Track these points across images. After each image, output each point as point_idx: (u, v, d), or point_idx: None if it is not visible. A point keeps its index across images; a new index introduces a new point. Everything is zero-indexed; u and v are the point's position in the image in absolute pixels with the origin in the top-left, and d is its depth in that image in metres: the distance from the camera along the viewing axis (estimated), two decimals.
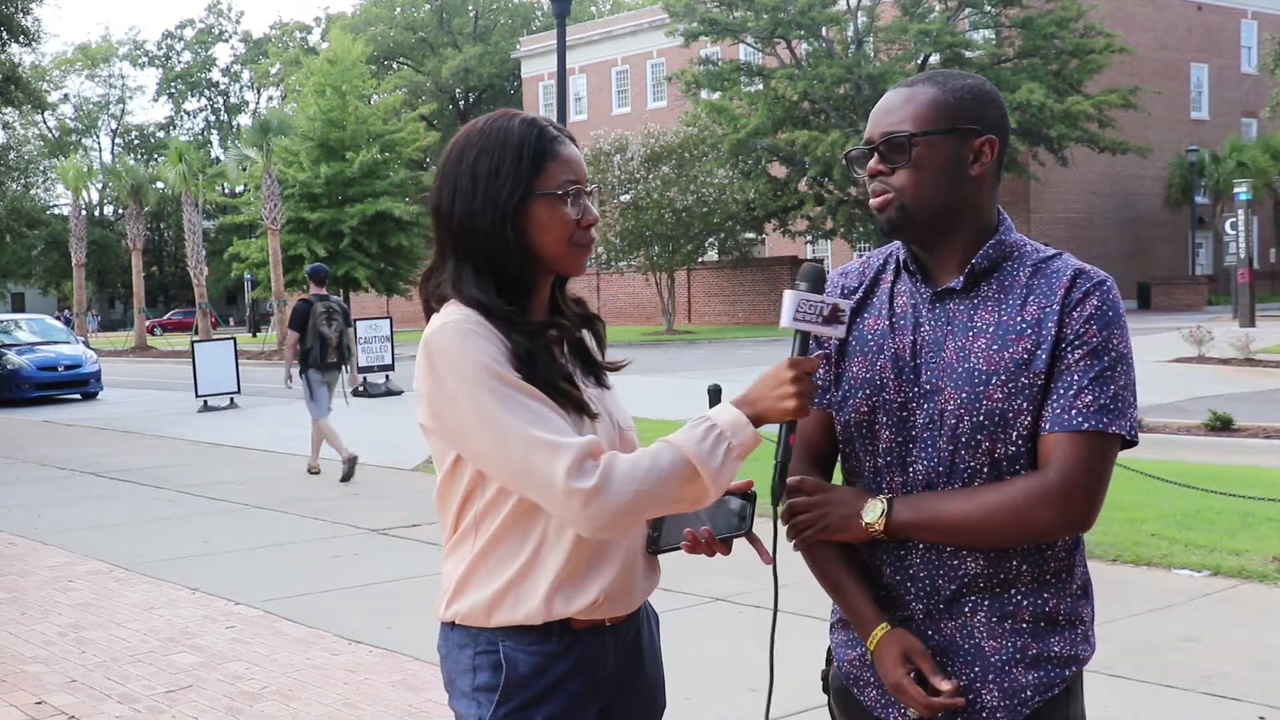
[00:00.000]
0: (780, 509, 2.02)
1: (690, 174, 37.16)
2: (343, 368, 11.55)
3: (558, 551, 1.99)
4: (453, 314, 1.97)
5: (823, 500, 2.02)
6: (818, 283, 1.98)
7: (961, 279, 1.99)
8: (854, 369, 2.06)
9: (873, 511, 1.97)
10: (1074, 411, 1.89)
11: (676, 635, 5.37)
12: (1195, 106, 50.50)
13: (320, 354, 11.30)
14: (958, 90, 1.99)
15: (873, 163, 2.00)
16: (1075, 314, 1.92)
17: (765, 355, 20.72)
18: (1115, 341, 1.92)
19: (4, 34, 26.34)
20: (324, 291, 11.68)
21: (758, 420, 1.93)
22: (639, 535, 2.11)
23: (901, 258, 2.08)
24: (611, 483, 1.86)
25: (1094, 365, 1.90)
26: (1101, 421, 1.89)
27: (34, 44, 28.04)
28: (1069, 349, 1.91)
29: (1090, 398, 1.89)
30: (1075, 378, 1.90)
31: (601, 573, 2.02)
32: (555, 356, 2.05)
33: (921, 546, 1.99)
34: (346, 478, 10.99)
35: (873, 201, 2.02)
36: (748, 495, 2.06)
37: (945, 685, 1.91)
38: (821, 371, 2.10)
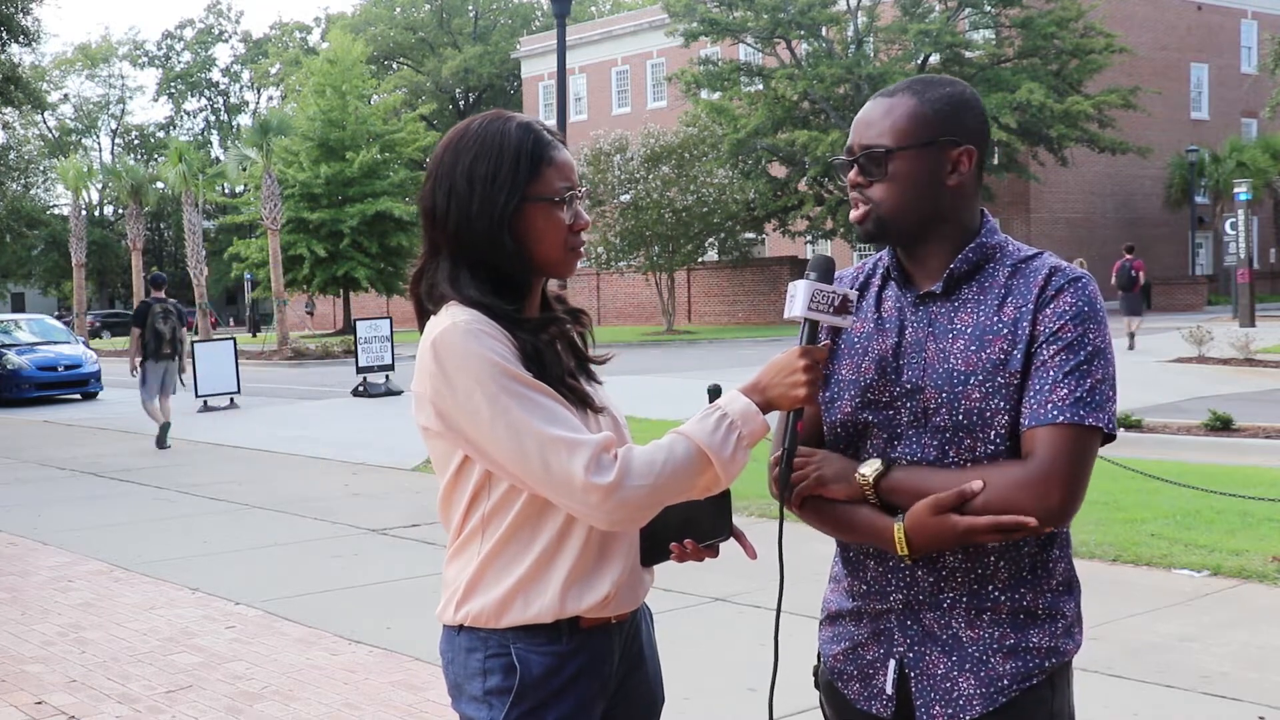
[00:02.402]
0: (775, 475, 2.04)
1: (690, 174, 37.15)
2: (176, 356, 14.12)
3: (568, 549, 2.01)
4: (459, 314, 1.97)
5: (821, 456, 2.05)
6: (827, 272, 2.02)
7: (941, 283, 2.03)
8: (841, 371, 2.10)
9: (870, 466, 1.99)
10: (1049, 405, 1.91)
11: (676, 635, 5.37)
12: (1195, 106, 50.51)
13: (156, 346, 13.80)
14: (935, 100, 2.01)
15: (852, 174, 2.04)
16: (1049, 310, 1.95)
17: (765, 355, 20.73)
18: (1092, 335, 1.94)
19: (4, 34, 26.34)
20: (162, 295, 14.22)
21: (767, 408, 1.97)
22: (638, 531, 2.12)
23: (888, 264, 2.12)
24: (629, 477, 1.88)
25: (1069, 359, 1.92)
26: (1079, 414, 1.90)
27: (34, 44, 28.07)
28: (1044, 345, 1.94)
29: (1065, 391, 1.91)
30: (1051, 373, 1.92)
31: (611, 567, 2.04)
32: (559, 353, 2.07)
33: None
34: (161, 443, 13.84)
35: (853, 213, 2.06)
36: (722, 494, 2.07)
37: (976, 484, 1.92)
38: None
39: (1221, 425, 11.00)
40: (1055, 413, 1.90)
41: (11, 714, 4.97)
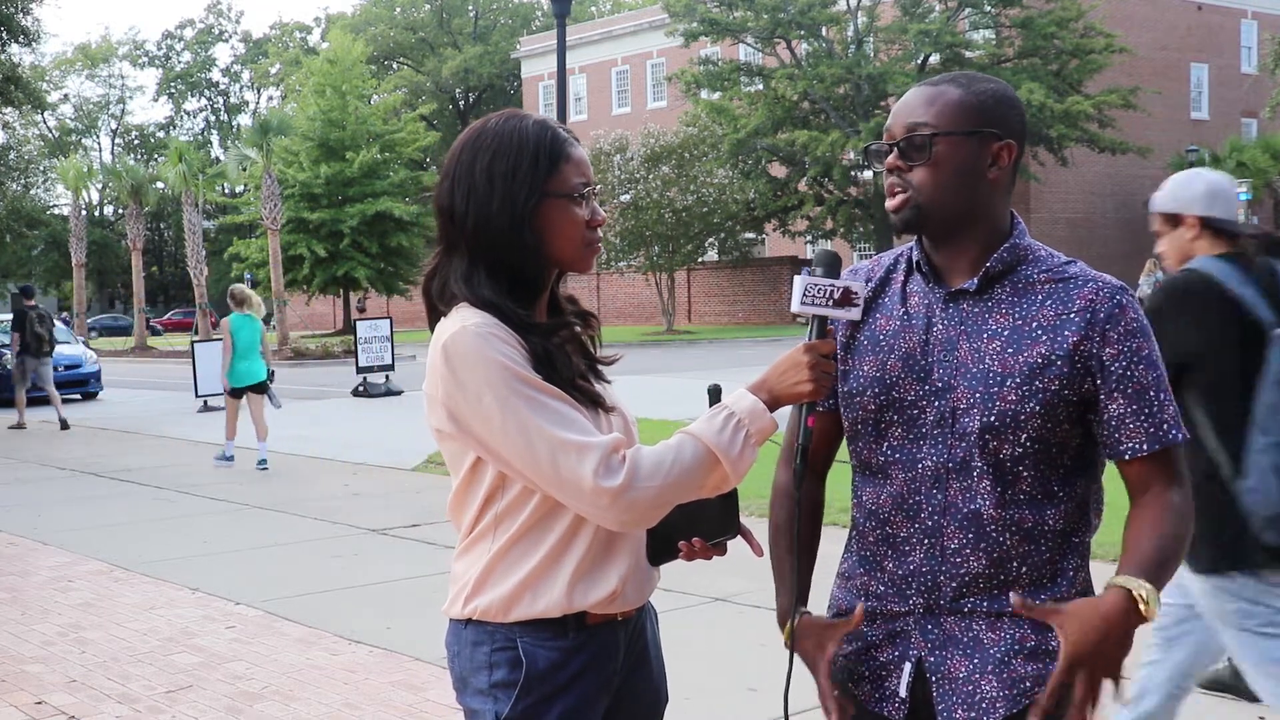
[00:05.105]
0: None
1: (690, 174, 37.17)
2: (51, 354, 17.06)
3: (577, 546, 2.02)
4: (470, 317, 1.98)
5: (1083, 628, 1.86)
6: (832, 267, 2.00)
7: (976, 281, 2.00)
8: (864, 367, 2.07)
9: (1149, 606, 1.86)
10: (1166, 425, 1.96)
11: (677, 635, 5.36)
12: (1195, 106, 50.51)
13: (35, 345, 16.75)
14: (981, 93, 2.00)
15: (891, 158, 2.01)
16: (1120, 329, 1.94)
17: (765, 355, 20.69)
18: (1156, 347, 1.99)
19: (4, 34, 26.34)
20: (34, 303, 17.19)
21: (774, 405, 1.96)
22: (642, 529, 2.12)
23: (914, 258, 2.09)
24: (638, 479, 1.89)
25: (1161, 377, 1.97)
26: (1185, 429, 1.98)
27: (34, 44, 28.04)
28: (1130, 365, 1.94)
29: (1172, 409, 1.96)
30: (1152, 392, 1.95)
31: (618, 563, 2.05)
32: (570, 355, 2.07)
33: (926, 543, 2.00)
34: (14, 427, 16.72)
35: (889, 201, 2.03)
36: (729, 493, 2.07)
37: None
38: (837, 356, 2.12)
39: None
40: (1175, 432, 1.96)
41: (11, 714, 4.97)
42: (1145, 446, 1.94)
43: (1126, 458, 1.96)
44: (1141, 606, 1.84)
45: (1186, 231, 3.52)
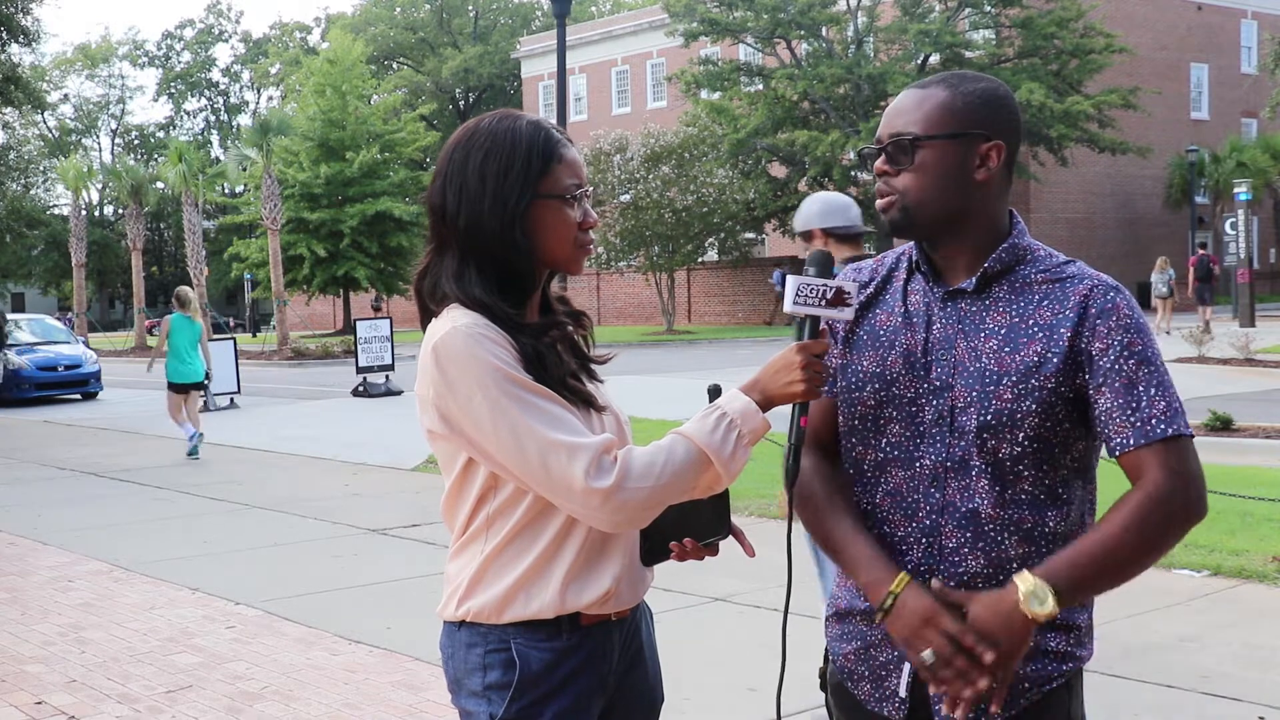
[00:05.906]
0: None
1: (690, 174, 37.15)
2: (2, 352, 18.16)
3: (569, 546, 2.02)
4: (460, 318, 1.98)
5: (966, 635, 1.86)
6: (825, 268, 2.00)
7: (973, 281, 2.00)
8: (864, 363, 2.07)
9: (1041, 603, 1.84)
10: (1154, 420, 1.91)
11: (676, 635, 5.38)
12: (1195, 106, 50.50)
13: None
14: (969, 94, 2.00)
15: (879, 163, 2.02)
16: (1110, 324, 1.93)
17: (764, 355, 20.73)
18: (1154, 344, 1.96)
19: (4, 34, 26.34)
20: None
21: (766, 405, 1.96)
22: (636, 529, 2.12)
23: (914, 258, 2.09)
24: (629, 479, 1.89)
25: (1154, 372, 1.92)
26: (1183, 426, 1.92)
27: (34, 44, 28.06)
28: (1119, 359, 1.92)
29: (1164, 404, 1.91)
30: (1141, 388, 1.92)
31: (611, 564, 2.05)
32: (561, 355, 2.07)
33: (924, 542, 2.00)
34: None
35: (878, 202, 2.04)
36: (721, 494, 2.07)
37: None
38: (835, 352, 2.11)
39: (1221, 425, 10.99)
40: (1163, 427, 1.90)
41: (11, 714, 4.97)
42: (1132, 441, 1.92)
43: (1117, 453, 1.94)
44: (1033, 606, 1.82)
45: (818, 242, 4.45)
